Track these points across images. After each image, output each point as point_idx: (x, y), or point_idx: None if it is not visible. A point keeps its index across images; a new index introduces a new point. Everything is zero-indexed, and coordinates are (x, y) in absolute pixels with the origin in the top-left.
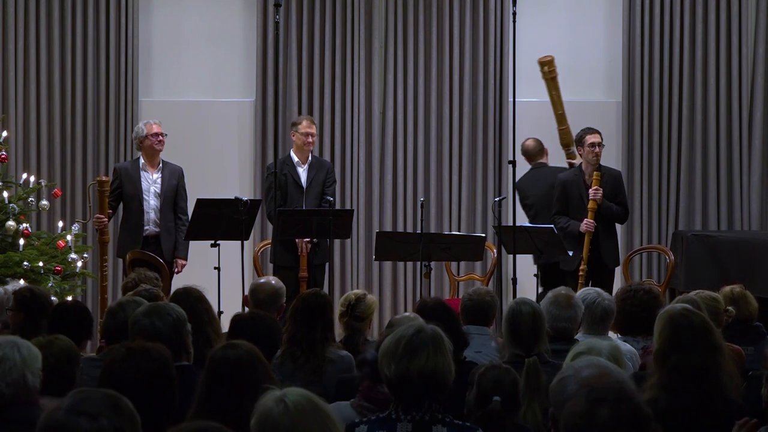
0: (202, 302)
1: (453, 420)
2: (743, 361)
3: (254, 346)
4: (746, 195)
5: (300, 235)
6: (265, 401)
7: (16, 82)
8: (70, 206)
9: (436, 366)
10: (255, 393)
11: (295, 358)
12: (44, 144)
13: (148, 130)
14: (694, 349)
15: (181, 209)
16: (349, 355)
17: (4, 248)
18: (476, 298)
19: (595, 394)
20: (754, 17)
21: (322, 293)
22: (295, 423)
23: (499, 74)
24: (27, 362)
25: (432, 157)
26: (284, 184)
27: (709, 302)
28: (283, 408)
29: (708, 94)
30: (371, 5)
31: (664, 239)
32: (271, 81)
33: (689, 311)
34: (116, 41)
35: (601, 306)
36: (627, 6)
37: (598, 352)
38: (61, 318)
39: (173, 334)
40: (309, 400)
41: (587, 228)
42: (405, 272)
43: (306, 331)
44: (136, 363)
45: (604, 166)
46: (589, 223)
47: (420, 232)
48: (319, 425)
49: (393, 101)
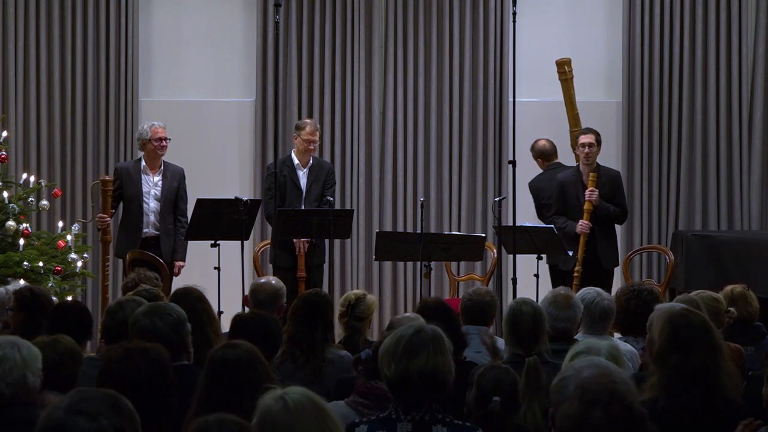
0: (202, 302)
1: (453, 420)
2: (743, 361)
3: (254, 346)
4: (746, 195)
5: (300, 235)
6: (266, 399)
7: (16, 82)
8: (70, 206)
9: (436, 366)
10: (255, 393)
11: (295, 358)
12: (44, 144)
13: (153, 134)
14: (693, 349)
15: (180, 211)
16: (348, 356)
17: (4, 248)
18: (476, 298)
19: (588, 395)
20: (754, 17)
21: (322, 293)
22: (294, 421)
23: (499, 74)
24: (27, 362)
25: (432, 157)
26: (283, 185)
27: (710, 303)
28: (283, 406)
29: (708, 94)
30: (371, 5)
31: (664, 239)
32: (271, 81)
33: (689, 311)
34: (116, 41)
35: (600, 306)
36: (627, 6)
37: (597, 351)
38: (61, 318)
39: (173, 334)
40: (309, 399)
41: (582, 229)
42: (405, 272)
43: (306, 332)
44: (133, 363)
45: (603, 166)
46: (584, 225)
47: (420, 232)
48: (319, 424)
49: (393, 101)
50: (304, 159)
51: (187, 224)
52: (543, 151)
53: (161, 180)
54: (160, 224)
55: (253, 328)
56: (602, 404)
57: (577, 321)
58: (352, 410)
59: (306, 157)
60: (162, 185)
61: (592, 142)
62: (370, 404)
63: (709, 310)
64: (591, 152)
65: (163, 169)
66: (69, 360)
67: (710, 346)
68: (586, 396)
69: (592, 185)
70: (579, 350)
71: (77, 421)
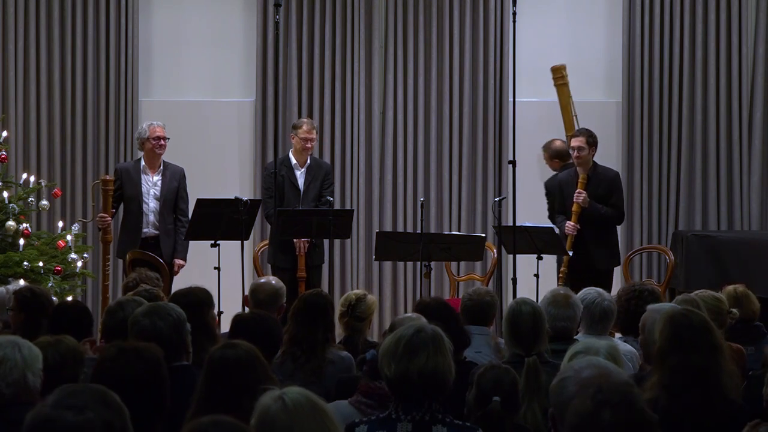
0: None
1: (453, 420)
2: (744, 360)
3: (254, 346)
4: (746, 195)
5: (300, 235)
6: (265, 399)
7: (16, 82)
8: (70, 206)
9: (436, 366)
10: (254, 393)
11: (295, 358)
12: (44, 144)
13: (150, 133)
14: (694, 349)
15: (181, 211)
16: (349, 356)
17: (4, 248)
18: (476, 298)
19: (600, 395)
20: (754, 17)
21: (323, 294)
22: (293, 421)
23: (499, 74)
24: (28, 362)
25: (432, 157)
26: (281, 185)
27: (713, 302)
28: (282, 406)
29: (708, 94)
30: (371, 5)
31: (664, 239)
32: (271, 81)
33: (689, 311)
34: (116, 41)
35: (600, 306)
36: (627, 6)
37: (595, 351)
38: (61, 318)
39: (174, 334)
40: (308, 399)
41: (568, 231)
42: (405, 272)
43: (307, 332)
44: (126, 362)
45: (602, 166)
46: (570, 226)
47: (420, 232)
48: (318, 424)
49: (393, 101)
50: (302, 158)
51: (188, 224)
52: (558, 152)
53: (160, 179)
54: (159, 224)
55: (253, 328)
56: (613, 406)
57: (577, 320)
58: (355, 410)
59: (303, 157)
60: (161, 185)
61: (582, 145)
62: (373, 404)
63: (711, 310)
64: (581, 155)
65: (162, 168)
66: (71, 360)
67: (711, 346)
68: (598, 395)
69: (581, 187)
70: (577, 350)
71: (64, 415)
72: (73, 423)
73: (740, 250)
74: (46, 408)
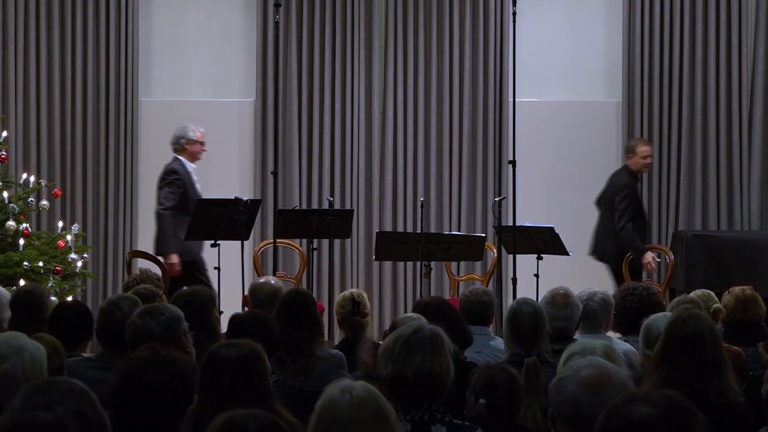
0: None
1: (452, 420)
2: (743, 362)
3: (256, 343)
4: (746, 195)
5: (300, 235)
6: (332, 390)
7: (16, 82)
8: (70, 206)
9: (432, 366)
10: (254, 391)
11: (281, 362)
12: (44, 144)
13: (199, 137)
14: (695, 352)
15: None
16: (339, 353)
17: (4, 248)
18: (474, 298)
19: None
20: (754, 17)
21: (302, 291)
22: (354, 416)
23: (499, 74)
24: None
25: (432, 157)
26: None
27: (704, 299)
28: (348, 400)
29: (708, 94)
30: (371, 5)
31: (664, 239)
32: (271, 81)
33: (690, 316)
34: (116, 41)
35: (590, 305)
36: (627, 6)
37: (591, 351)
38: (61, 318)
39: (166, 333)
40: (374, 400)
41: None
42: (405, 272)
43: (292, 333)
44: (165, 367)
45: None
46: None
47: (420, 232)
48: (377, 423)
49: (393, 101)
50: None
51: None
52: None
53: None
54: None
55: (251, 327)
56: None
57: (575, 320)
58: None
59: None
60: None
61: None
62: None
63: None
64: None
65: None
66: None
67: (712, 348)
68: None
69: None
70: (573, 351)
71: (36, 416)
72: (47, 421)
73: (740, 250)
74: (15, 412)
